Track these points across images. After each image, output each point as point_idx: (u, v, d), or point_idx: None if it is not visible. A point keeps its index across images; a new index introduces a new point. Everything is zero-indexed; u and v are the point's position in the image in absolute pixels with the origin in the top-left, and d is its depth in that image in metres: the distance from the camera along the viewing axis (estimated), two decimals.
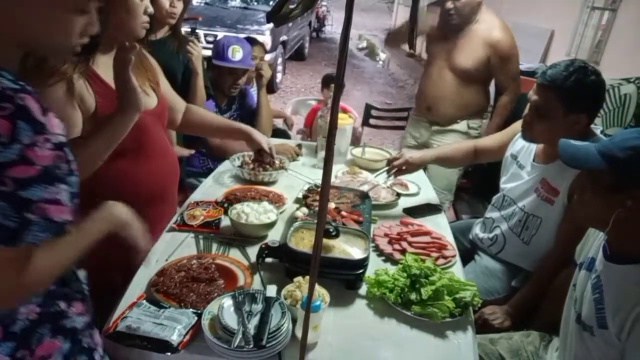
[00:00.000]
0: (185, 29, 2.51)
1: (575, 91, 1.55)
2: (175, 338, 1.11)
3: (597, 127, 1.76)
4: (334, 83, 0.64)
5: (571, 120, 1.60)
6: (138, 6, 1.22)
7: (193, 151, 2.49)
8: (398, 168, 1.95)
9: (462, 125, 2.71)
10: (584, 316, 1.23)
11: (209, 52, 2.52)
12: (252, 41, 2.83)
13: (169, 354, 1.09)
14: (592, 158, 1.14)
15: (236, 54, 2.40)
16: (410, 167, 1.96)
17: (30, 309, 0.86)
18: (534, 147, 1.84)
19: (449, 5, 2.45)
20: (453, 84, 2.60)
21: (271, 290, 1.24)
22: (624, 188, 1.10)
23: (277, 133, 3.42)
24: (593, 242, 1.32)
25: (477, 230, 2.06)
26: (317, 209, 1.62)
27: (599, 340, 1.18)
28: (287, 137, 3.36)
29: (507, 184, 1.94)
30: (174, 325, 1.13)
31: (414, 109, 3.05)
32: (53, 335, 0.89)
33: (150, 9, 1.28)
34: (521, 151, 1.89)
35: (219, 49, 2.42)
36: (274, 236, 1.61)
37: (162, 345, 1.10)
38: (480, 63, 2.52)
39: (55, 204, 0.76)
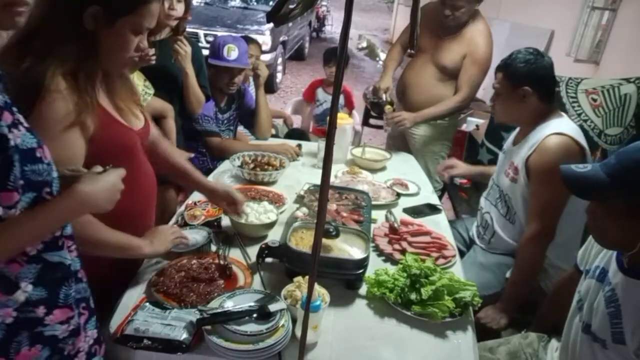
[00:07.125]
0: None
1: (514, 66, 1.77)
2: (185, 337, 1.11)
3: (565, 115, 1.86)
4: (334, 83, 0.64)
5: (518, 94, 1.78)
6: (131, 42, 1.16)
7: (192, 154, 2.49)
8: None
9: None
10: (595, 328, 1.20)
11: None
12: (247, 40, 2.83)
13: (180, 353, 1.10)
14: (601, 183, 1.09)
15: (231, 52, 2.39)
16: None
17: (6, 312, 0.85)
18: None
19: (447, 12, 2.50)
20: (432, 76, 2.72)
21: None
22: None
23: (296, 134, 3.35)
24: (600, 250, 1.28)
25: (474, 225, 2.10)
26: (317, 209, 1.62)
27: (612, 354, 1.15)
28: (307, 137, 3.28)
29: (495, 172, 2.04)
30: (182, 325, 1.14)
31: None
32: (31, 344, 0.88)
33: (144, 45, 1.22)
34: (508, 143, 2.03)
35: (215, 48, 2.42)
36: (274, 236, 1.61)
37: (173, 346, 1.10)
38: (458, 60, 2.63)
39: None
